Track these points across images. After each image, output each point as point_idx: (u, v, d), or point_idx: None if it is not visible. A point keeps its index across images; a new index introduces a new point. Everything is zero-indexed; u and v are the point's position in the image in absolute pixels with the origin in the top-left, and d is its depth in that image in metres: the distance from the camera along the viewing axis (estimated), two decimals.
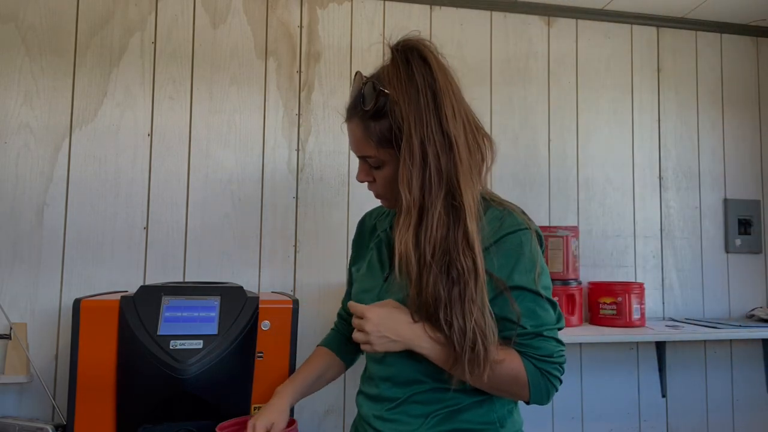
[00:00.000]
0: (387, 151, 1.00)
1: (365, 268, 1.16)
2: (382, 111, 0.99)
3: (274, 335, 1.47)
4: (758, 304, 2.37)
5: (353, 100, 1.05)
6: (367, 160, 1.04)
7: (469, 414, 1.02)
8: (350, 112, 1.06)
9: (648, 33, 2.38)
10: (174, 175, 1.93)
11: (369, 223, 1.26)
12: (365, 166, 1.06)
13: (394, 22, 2.13)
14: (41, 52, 1.86)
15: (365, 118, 1.01)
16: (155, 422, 1.36)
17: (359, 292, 1.14)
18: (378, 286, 1.09)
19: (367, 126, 1.01)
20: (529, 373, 0.99)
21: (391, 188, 1.04)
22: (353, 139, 1.05)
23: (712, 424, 2.27)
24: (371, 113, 0.99)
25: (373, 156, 1.02)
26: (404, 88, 0.97)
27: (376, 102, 0.99)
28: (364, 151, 1.03)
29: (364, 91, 1.02)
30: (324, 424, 1.96)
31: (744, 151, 2.43)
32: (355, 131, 1.04)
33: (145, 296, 1.42)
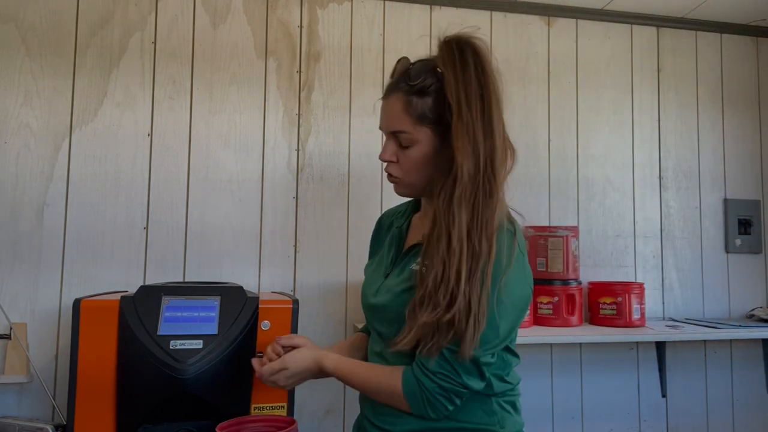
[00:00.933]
0: (422, 130, 1.01)
1: (374, 264, 1.19)
2: (428, 89, 1.00)
3: (274, 335, 1.46)
4: (758, 304, 2.37)
5: (397, 76, 1.05)
6: (399, 136, 1.04)
7: (469, 414, 1.02)
8: (390, 88, 1.06)
9: (648, 33, 2.38)
10: (174, 175, 1.93)
11: (386, 221, 1.27)
12: (393, 146, 1.06)
13: (394, 22, 2.13)
14: (41, 52, 1.86)
15: (409, 92, 1.01)
16: (155, 422, 1.36)
17: (365, 287, 1.17)
18: (379, 282, 1.11)
19: (409, 101, 1.01)
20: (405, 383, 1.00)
21: (414, 170, 1.04)
22: (388, 115, 1.05)
23: (712, 424, 2.27)
24: (417, 88, 1.01)
25: (407, 132, 1.02)
26: (456, 69, 0.98)
27: (424, 78, 1.00)
28: (399, 126, 1.03)
29: (413, 68, 1.03)
30: (324, 424, 1.96)
31: (744, 151, 2.43)
32: (394, 105, 1.03)
33: (145, 296, 1.42)
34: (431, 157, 1.03)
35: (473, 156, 0.95)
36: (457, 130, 0.96)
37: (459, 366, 0.96)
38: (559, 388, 2.17)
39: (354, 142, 2.06)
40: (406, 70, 1.04)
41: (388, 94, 1.06)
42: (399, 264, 1.10)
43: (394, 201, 1.30)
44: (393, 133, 1.05)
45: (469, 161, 0.95)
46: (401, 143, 1.04)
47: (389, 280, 1.09)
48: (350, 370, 1.07)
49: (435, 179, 1.00)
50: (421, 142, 1.02)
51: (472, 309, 0.92)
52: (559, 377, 2.17)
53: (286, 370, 1.10)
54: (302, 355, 1.11)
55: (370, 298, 1.12)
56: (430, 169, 1.03)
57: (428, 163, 1.03)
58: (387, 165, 1.08)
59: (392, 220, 1.24)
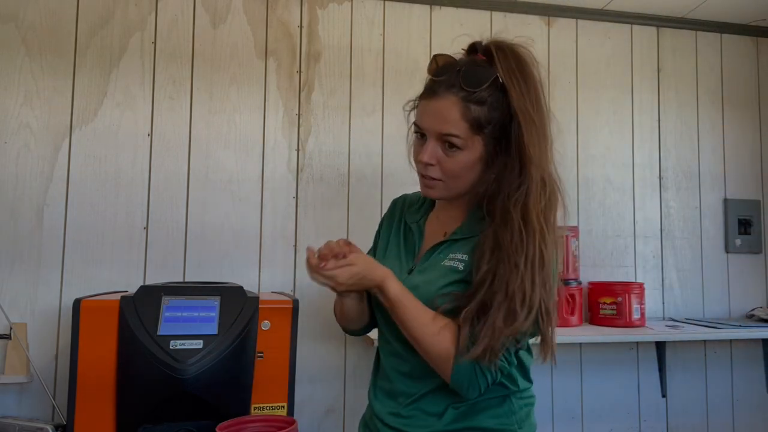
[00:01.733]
0: (476, 137, 1.00)
1: (389, 257, 1.16)
2: (488, 98, 0.99)
3: (274, 335, 1.47)
4: (758, 304, 2.37)
5: (452, 78, 1.00)
6: (449, 139, 1.00)
7: (487, 414, 1.02)
8: (444, 88, 1.01)
9: (648, 33, 2.38)
10: (174, 175, 1.93)
11: (399, 207, 1.24)
12: (436, 147, 1.02)
13: (394, 22, 2.13)
14: (41, 52, 1.86)
15: (467, 99, 0.99)
16: (155, 422, 1.36)
17: None
18: (402, 278, 1.08)
19: (467, 107, 0.99)
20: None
21: (456, 175, 1.03)
22: (439, 116, 1.01)
23: (712, 424, 2.27)
24: (477, 98, 0.99)
25: (460, 137, 1.00)
26: (521, 81, 0.99)
27: (486, 87, 0.99)
28: (453, 130, 1.00)
29: (470, 72, 1.00)
30: (324, 424, 1.96)
31: (744, 151, 2.43)
32: (449, 109, 1.00)
33: (145, 296, 1.42)
34: (476, 165, 1.02)
35: (540, 166, 0.99)
36: (527, 141, 0.98)
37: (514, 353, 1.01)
38: (559, 388, 2.17)
39: (354, 142, 2.06)
40: (461, 73, 1.00)
41: (435, 94, 1.02)
42: (425, 261, 1.08)
43: None
44: (442, 136, 1.01)
45: (537, 171, 0.99)
46: (449, 145, 1.01)
47: (415, 277, 1.07)
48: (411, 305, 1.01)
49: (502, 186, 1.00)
50: (471, 148, 1.01)
51: (551, 314, 0.97)
52: (559, 377, 2.17)
53: (353, 266, 1.00)
54: (372, 261, 1.04)
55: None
56: (472, 176, 1.03)
57: (472, 170, 1.03)
58: (425, 167, 1.04)
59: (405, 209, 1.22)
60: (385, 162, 2.07)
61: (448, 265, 1.03)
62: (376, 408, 1.11)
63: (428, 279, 1.04)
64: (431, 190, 1.07)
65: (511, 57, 1.00)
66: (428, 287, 1.03)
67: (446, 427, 1.01)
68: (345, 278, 1.01)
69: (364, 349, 2.00)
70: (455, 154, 1.01)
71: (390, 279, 1.02)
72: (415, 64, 2.12)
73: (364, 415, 1.19)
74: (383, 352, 1.14)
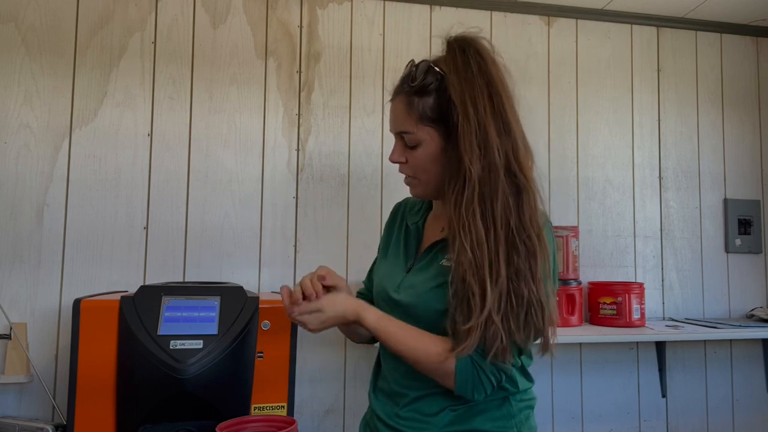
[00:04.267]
0: (426, 129, 1.02)
1: (390, 257, 1.18)
2: (428, 88, 1.01)
3: (274, 335, 1.47)
4: (758, 304, 2.37)
5: (401, 79, 1.06)
6: (403, 136, 1.05)
7: (485, 416, 1.02)
8: (396, 90, 1.07)
9: (648, 33, 2.38)
10: (174, 175, 1.93)
11: (401, 211, 1.26)
12: (400, 147, 1.07)
13: (394, 22, 2.13)
14: (41, 52, 1.86)
15: (410, 93, 1.03)
16: (155, 422, 1.36)
17: (383, 280, 1.15)
18: (400, 276, 1.10)
19: (411, 101, 1.02)
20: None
21: (423, 170, 1.05)
22: (394, 116, 1.07)
23: (712, 424, 2.27)
24: (416, 89, 1.02)
25: (411, 132, 1.03)
26: (458, 69, 0.99)
27: (424, 78, 1.01)
28: (403, 127, 1.04)
29: (415, 69, 1.04)
30: (324, 424, 1.96)
31: (744, 151, 2.43)
32: (398, 107, 1.05)
33: (145, 296, 1.42)
34: (438, 157, 1.03)
35: (485, 157, 0.96)
36: (464, 130, 0.97)
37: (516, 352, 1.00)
38: (559, 388, 2.17)
39: (354, 142, 2.06)
40: (409, 71, 1.05)
41: (393, 96, 1.08)
42: (423, 259, 1.09)
43: (393, 201, 1.31)
44: (399, 134, 1.06)
45: (478, 162, 0.95)
46: (407, 144, 1.05)
47: (413, 276, 1.08)
48: (394, 329, 1.02)
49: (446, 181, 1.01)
50: (425, 141, 1.03)
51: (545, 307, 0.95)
52: (559, 377, 2.17)
53: (321, 313, 1.02)
54: (341, 299, 1.04)
55: (392, 293, 1.10)
56: (438, 169, 1.04)
57: (436, 162, 1.03)
58: (399, 166, 1.09)
59: (407, 212, 1.24)
60: (385, 162, 2.07)
61: (446, 265, 1.03)
62: (376, 408, 1.12)
63: (425, 278, 1.05)
64: (412, 188, 1.11)
65: (456, 47, 1.01)
66: (424, 285, 1.04)
67: (443, 430, 1.01)
68: (315, 325, 1.03)
69: (364, 350, 2.00)
70: (415, 150, 1.04)
71: (364, 311, 1.04)
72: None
73: (365, 414, 1.19)
74: (383, 352, 1.15)
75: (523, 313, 0.94)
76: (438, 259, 1.06)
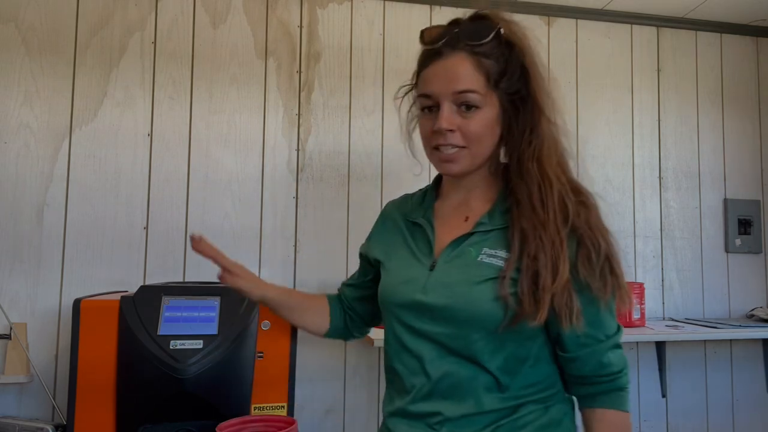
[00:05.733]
0: (492, 93, 0.95)
1: (399, 259, 1.03)
2: (493, 53, 0.95)
3: (274, 335, 1.47)
4: (758, 304, 2.37)
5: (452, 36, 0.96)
6: (467, 96, 0.93)
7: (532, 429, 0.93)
8: (448, 47, 0.96)
9: (648, 33, 2.38)
10: (174, 175, 1.93)
11: (392, 213, 1.14)
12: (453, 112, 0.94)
13: (394, 22, 2.13)
14: (41, 52, 1.86)
15: (475, 52, 0.94)
16: (155, 422, 1.36)
17: (398, 284, 1.00)
18: (423, 275, 0.96)
19: (479, 61, 0.94)
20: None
21: (478, 139, 0.95)
22: (453, 74, 0.94)
23: (712, 424, 2.27)
24: (483, 50, 0.95)
25: (477, 92, 0.93)
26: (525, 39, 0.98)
27: (491, 40, 0.95)
28: (469, 85, 0.93)
29: (477, 27, 0.97)
30: (324, 424, 1.96)
31: (744, 151, 2.43)
32: (461, 65, 0.94)
33: (145, 296, 1.42)
34: (495, 124, 0.96)
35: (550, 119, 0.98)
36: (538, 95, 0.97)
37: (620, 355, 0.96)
38: None
39: (354, 142, 2.06)
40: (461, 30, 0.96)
41: (441, 55, 0.96)
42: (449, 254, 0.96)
43: None
44: (458, 95, 0.93)
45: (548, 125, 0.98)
46: (466, 107, 0.94)
47: (441, 273, 0.95)
48: None
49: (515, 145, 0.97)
50: (489, 105, 0.95)
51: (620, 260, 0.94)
52: None
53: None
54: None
55: (416, 295, 0.95)
56: (492, 140, 0.97)
57: (493, 130, 0.96)
58: (443, 136, 0.95)
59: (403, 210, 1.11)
60: (385, 162, 2.07)
61: (487, 262, 0.93)
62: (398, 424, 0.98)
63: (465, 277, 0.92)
64: (453, 164, 0.97)
65: (507, 17, 1.00)
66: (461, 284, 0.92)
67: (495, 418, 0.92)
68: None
69: (365, 349, 2.00)
70: (474, 114, 0.94)
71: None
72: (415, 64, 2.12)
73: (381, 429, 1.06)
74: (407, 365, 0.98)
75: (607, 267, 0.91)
76: (470, 254, 0.94)
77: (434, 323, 0.94)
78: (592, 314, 0.92)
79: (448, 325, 0.92)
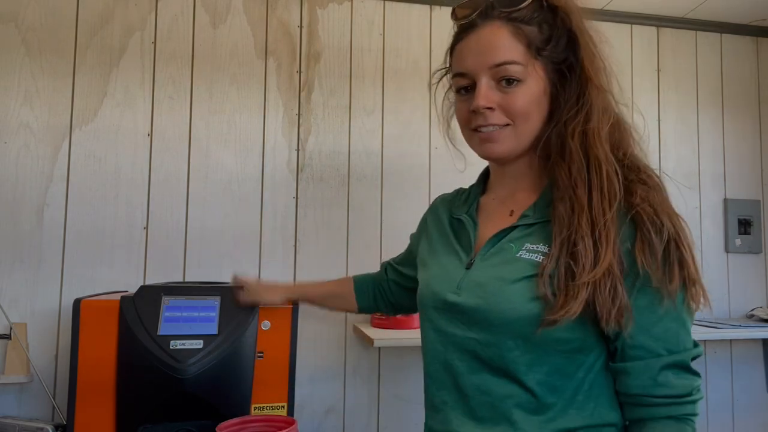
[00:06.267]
0: (534, 63, 0.84)
1: (441, 256, 0.95)
2: (533, 16, 0.85)
3: (274, 335, 1.47)
4: (758, 304, 2.37)
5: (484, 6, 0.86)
6: (507, 69, 0.82)
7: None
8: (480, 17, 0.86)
9: (648, 33, 2.38)
10: (174, 175, 1.93)
11: (438, 208, 1.06)
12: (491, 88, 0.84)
13: (394, 22, 2.13)
14: (41, 52, 1.86)
15: (511, 19, 0.84)
16: (155, 422, 1.36)
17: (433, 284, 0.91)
18: (459, 273, 0.88)
19: (517, 28, 0.83)
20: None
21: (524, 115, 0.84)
22: (489, 46, 0.83)
23: (712, 424, 2.27)
24: (520, 14, 0.84)
25: (519, 63, 0.82)
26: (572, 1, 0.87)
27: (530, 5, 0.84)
28: (508, 56, 0.82)
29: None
30: (324, 424, 1.96)
31: (744, 151, 2.43)
32: (496, 34, 0.83)
33: (145, 296, 1.42)
34: (542, 98, 0.85)
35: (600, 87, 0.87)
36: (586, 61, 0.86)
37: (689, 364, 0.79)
38: None
39: (354, 142, 2.06)
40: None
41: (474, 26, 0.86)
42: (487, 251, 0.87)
43: (394, 202, 1.30)
44: (497, 68, 0.83)
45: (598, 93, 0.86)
46: (507, 81, 0.83)
47: (478, 271, 0.85)
48: None
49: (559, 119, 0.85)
50: (534, 76, 0.84)
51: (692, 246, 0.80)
52: None
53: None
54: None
55: (448, 295, 0.86)
56: (541, 114, 0.86)
57: (540, 105, 0.85)
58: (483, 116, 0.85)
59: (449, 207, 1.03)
60: (385, 162, 2.07)
61: (527, 258, 0.81)
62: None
63: (500, 274, 0.82)
64: (496, 144, 0.86)
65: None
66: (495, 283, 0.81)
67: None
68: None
69: (365, 349, 2.00)
70: (516, 88, 0.83)
71: None
72: (415, 64, 2.12)
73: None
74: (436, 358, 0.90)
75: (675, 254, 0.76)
76: (510, 250, 0.84)
77: (466, 328, 0.83)
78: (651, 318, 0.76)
79: (480, 330, 0.81)
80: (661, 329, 0.76)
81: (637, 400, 0.78)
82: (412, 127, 2.10)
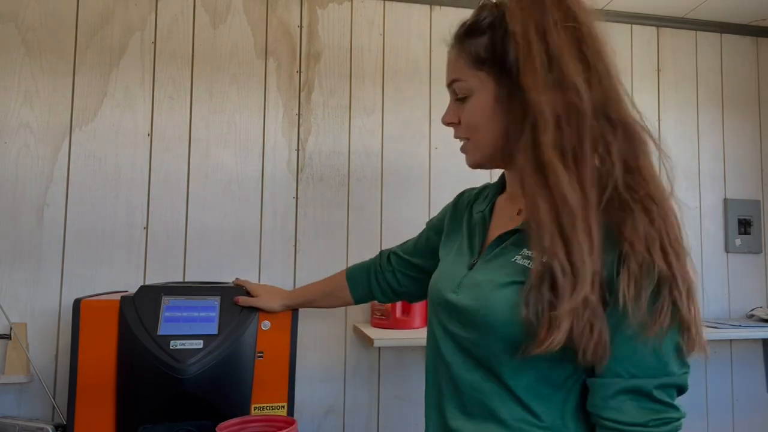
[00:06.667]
0: (477, 74, 0.84)
1: (452, 254, 0.97)
2: (481, 24, 0.85)
3: (274, 335, 1.47)
4: (758, 304, 2.37)
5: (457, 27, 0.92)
6: (455, 87, 0.88)
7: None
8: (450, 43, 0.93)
9: (648, 33, 2.38)
10: (174, 175, 1.93)
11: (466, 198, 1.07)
12: (452, 104, 0.91)
13: (394, 22, 2.13)
14: (41, 52, 1.86)
15: (464, 37, 0.88)
16: (155, 422, 1.36)
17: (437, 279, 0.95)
18: (461, 273, 0.89)
19: (461, 47, 0.87)
20: None
21: (475, 127, 0.86)
22: (447, 67, 0.92)
23: (712, 424, 2.27)
24: (467, 29, 0.88)
25: (460, 79, 0.86)
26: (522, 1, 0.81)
27: (477, 15, 0.87)
28: (453, 75, 0.89)
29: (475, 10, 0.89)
30: (324, 424, 1.96)
31: (744, 151, 2.43)
32: (450, 55, 0.91)
33: (145, 296, 1.42)
34: (494, 109, 0.84)
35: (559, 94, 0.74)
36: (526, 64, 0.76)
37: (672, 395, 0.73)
38: None
39: (354, 142, 2.06)
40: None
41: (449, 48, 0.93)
42: (489, 253, 0.88)
43: (394, 201, 1.30)
44: (449, 88, 0.90)
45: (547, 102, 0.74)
46: (460, 98, 0.88)
47: (477, 273, 0.86)
48: None
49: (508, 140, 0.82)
50: (477, 89, 0.85)
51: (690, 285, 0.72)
52: None
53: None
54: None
55: (447, 294, 0.88)
56: (494, 125, 0.84)
57: (492, 115, 0.84)
58: (453, 132, 0.92)
59: (472, 201, 1.04)
60: (385, 162, 2.07)
61: (521, 263, 0.81)
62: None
63: (490, 276, 0.83)
64: (467, 155, 0.92)
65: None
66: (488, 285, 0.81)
67: None
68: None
69: (365, 349, 2.00)
70: (466, 104, 0.87)
71: None
72: (415, 64, 2.12)
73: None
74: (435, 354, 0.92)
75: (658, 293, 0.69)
76: (509, 253, 0.83)
77: (462, 327, 0.84)
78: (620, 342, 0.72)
79: (473, 330, 0.82)
80: (627, 350, 0.72)
81: (592, 417, 0.76)
82: (412, 127, 2.10)
